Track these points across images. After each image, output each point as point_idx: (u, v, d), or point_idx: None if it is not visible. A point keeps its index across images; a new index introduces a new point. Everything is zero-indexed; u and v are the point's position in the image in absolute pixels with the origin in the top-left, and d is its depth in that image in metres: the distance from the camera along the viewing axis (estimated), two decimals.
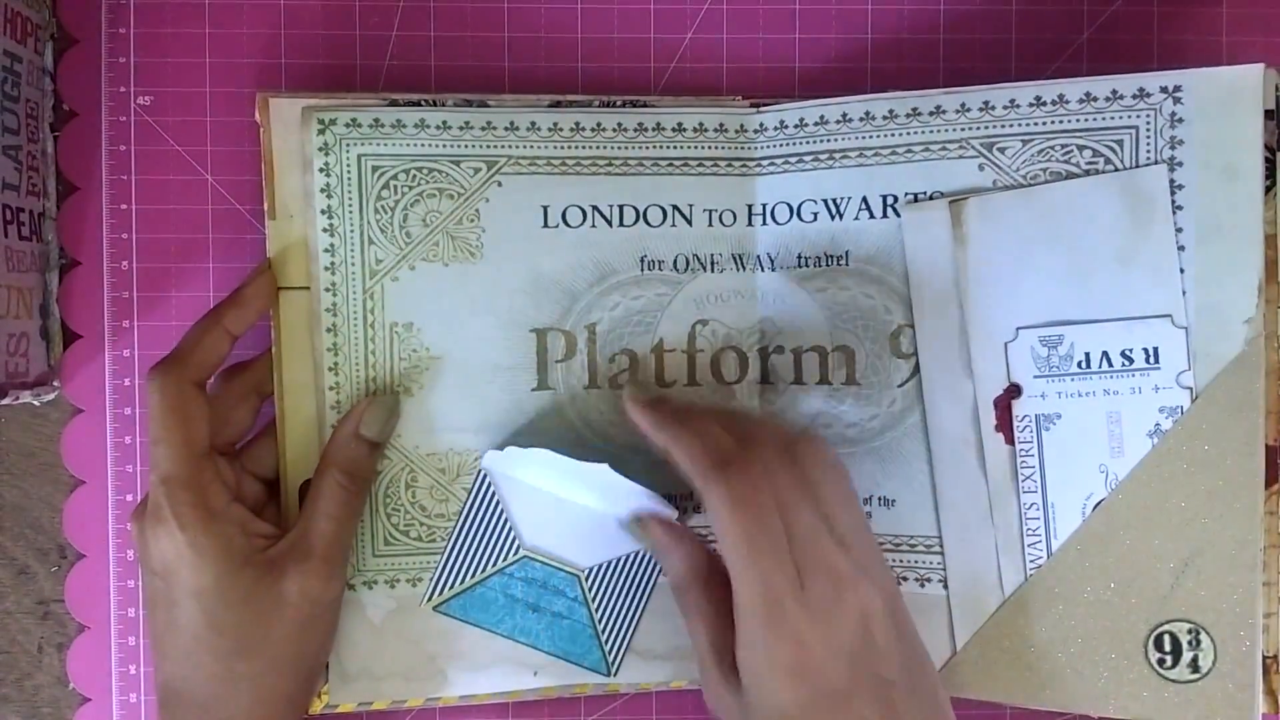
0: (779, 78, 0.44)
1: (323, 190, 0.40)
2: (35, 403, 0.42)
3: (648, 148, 0.41)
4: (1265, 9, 0.44)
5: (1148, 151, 0.38)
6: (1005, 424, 0.39)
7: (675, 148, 0.41)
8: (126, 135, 0.42)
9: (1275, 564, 0.38)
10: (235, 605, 0.35)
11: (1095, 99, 0.38)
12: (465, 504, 0.41)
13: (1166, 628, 0.38)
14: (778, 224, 0.41)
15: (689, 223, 0.41)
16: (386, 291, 0.40)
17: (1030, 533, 0.39)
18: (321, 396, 0.40)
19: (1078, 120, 0.38)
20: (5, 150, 0.39)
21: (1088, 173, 0.39)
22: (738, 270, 0.42)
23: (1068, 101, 0.38)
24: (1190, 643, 0.38)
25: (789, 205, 0.41)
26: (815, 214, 0.41)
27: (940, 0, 0.44)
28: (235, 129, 0.42)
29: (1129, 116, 0.38)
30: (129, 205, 0.42)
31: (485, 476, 0.41)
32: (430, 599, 0.41)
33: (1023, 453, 0.39)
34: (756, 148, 0.41)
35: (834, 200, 0.41)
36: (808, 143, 0.41)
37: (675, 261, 0.41)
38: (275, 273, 0.40)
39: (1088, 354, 0.38)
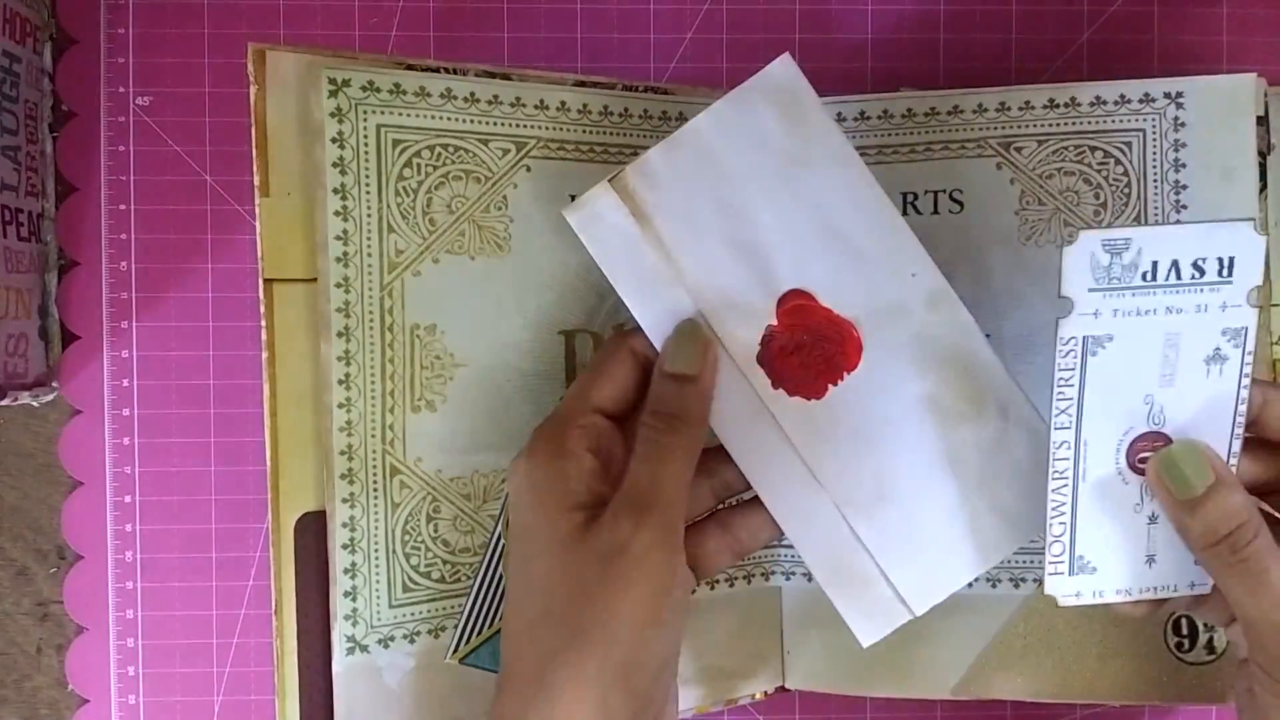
0: None
1: (335, 165, 0.34)
2: (34, 403, 0.42)
3: None
4: (1265, 9, 0.44)
5: (1154, 154, 0.39)
6: None
7: None
8: (125, 136, 0.42)
9: None
10: (548, 555, 0.31)
11: (1105, 102, 0.39)
12: (492, 534, 0.37)
13: (1184, 611, 0.39)
14: None
15: None
16: (407, 288, 0.35)
17: (1056, 474, 0.33)
18: (328, 416, 0.34)
19: (1089, 122, 0.39)
20: (4, 151, 0.39)
21: (1100, 172, 0.39)
22: None
23: (1079, 104, 0.39)
24: (1206, 624, 0.39)
25: None
26: None
27: (940, 0, 0.44)
28: (235, 129, 0.42)
29: (1136, 120, 0.39)
30: (128, 206, 0.42)
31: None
32: (455, 650, 0.36)
33: (1062, 382, 0.33)
34: None
35: None
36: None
37: None
38: (267, 262, 0.34)
39: (1155, 263, 0.32)
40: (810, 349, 0.34)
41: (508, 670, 0.31)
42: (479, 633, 0.37)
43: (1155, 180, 0.39)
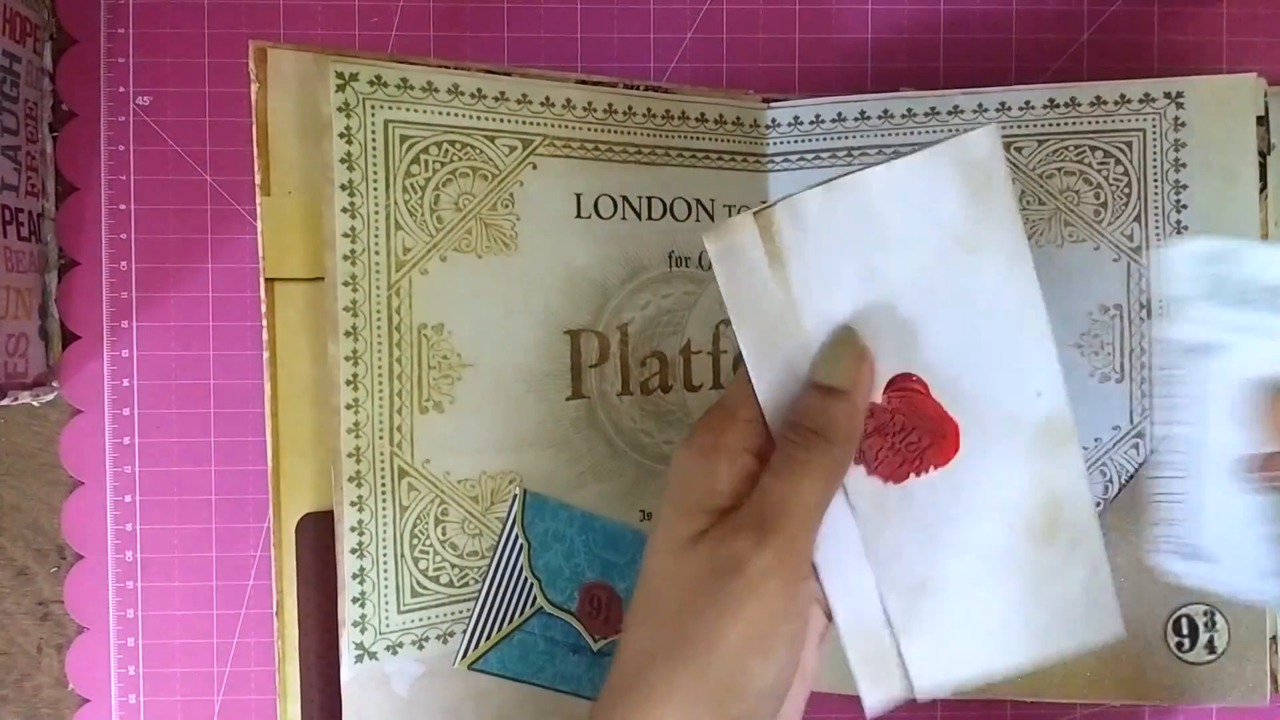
0: (779, 77, 0.44)
1: (343, 160, 0.33)
2: (34, 403, 0.42)
3: (674, 137, 0.40)
4: (1265, 9, 0.44)
5: (1154, 154, 0.39)
6: None
7: (699, 139, 0.40)
8: (125, 135, 0.42)
9: None
10: (676, 552, 0.29)
11: (1105, 102, 0.39)
12: (500, 536, 0.37)
13: (1185, 611, 0.39)
14: None
15: (711, 218, 0.40)
16: (415, 286, 0.35)
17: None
18: (335, 417, 0.34)
19: (1089, 123, 0.39)
20: (4, 150, 0.39)
21: (1100, 172, 0.39)
22: None
23: (1079, 104, 0.39)
24: (1206, 624, 0.39)
25: None
26: None
27: (940, 0, 0.44)
28: (235, 129, 0.42)
29: (1137, 120, 0.39)
30: (128, 205, 0.42)
31: (518, 502, 0.37)
32: (464, 655, 0.36)
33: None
34: (768, 144, 0.41)
35: None
36: (824, 140, 0.41)
37: (700, 259, 0.40)
38: (268, 262, 0.34)
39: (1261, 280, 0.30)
40: (905, 436, 0.32)
41: (616, 660, 0.30)
42: (488, 637, 0.36)
43: (1155, 180, 0.39)
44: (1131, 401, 0.39)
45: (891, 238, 0.30)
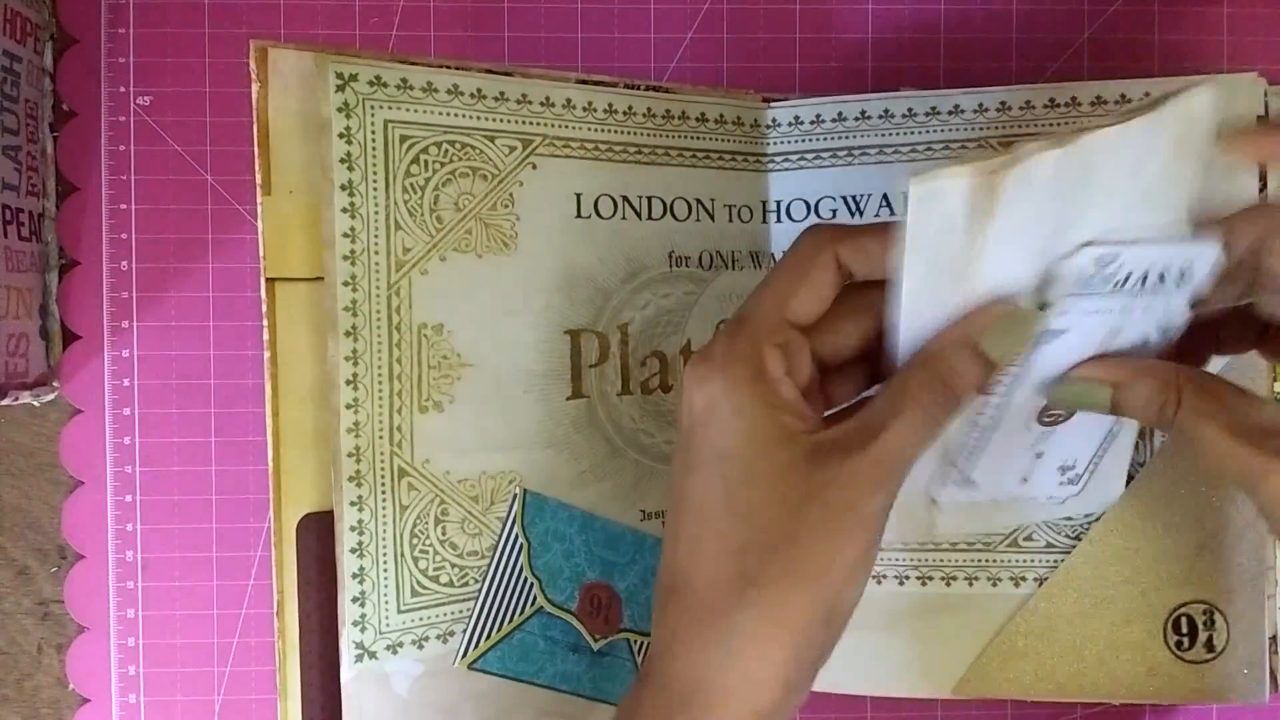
0: (779, 77, 0.44)
1: (343, 161, 0.33)
2: (34, 403, 0.42)
3: (674, 136, 0.40)
4: (1265, 9, 0.44)
5: None
6: None
7: (699, 139, 0.40)
8: (126, 135, 0.42)
9: (1275, 547, 0.40)
10: (760, 483, 0.29)
11: (1105, 102, 0.39)
12: (500, 536, 0.37)
13: (1184, 610, 0.39)
14: (794, 221, 0.41)
15: (711, 218, 0.40)
16: (415, 286, 0.35)
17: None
18: (335, 417, 0.34)
19: (1090, 122, 0.39)
20: (5, 150, 0.39)
21: None
22: (755, 268, 0.41)
23: (1080, 104, 0.39)
24: (1205, 623, 0.39)
25: (806, 203, 0.41)
26: (834, 211, 0.41)
27: (940, 0, 0.44)
28: (236, 128, 0.42)
29: None
30: (128, 205, 0.42)
31: (518, 502, 0.37)
32: (464, 655, 0.36)
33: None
34: (768, 143, 0.41)
35: (854, 198, 0.41)
36: (825, 139, 0.41)
37: (700, 258, 0.40)
38: (269, 261, 0.34)
39: (1129, 274, 0.31)
40: None
41: (688, 587, 0.29)
42: (488, 637, 0.36)
43: None
44: None
45: (1094, 197, 0.29)
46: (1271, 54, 0.44)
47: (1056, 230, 0.30)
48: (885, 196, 0.40)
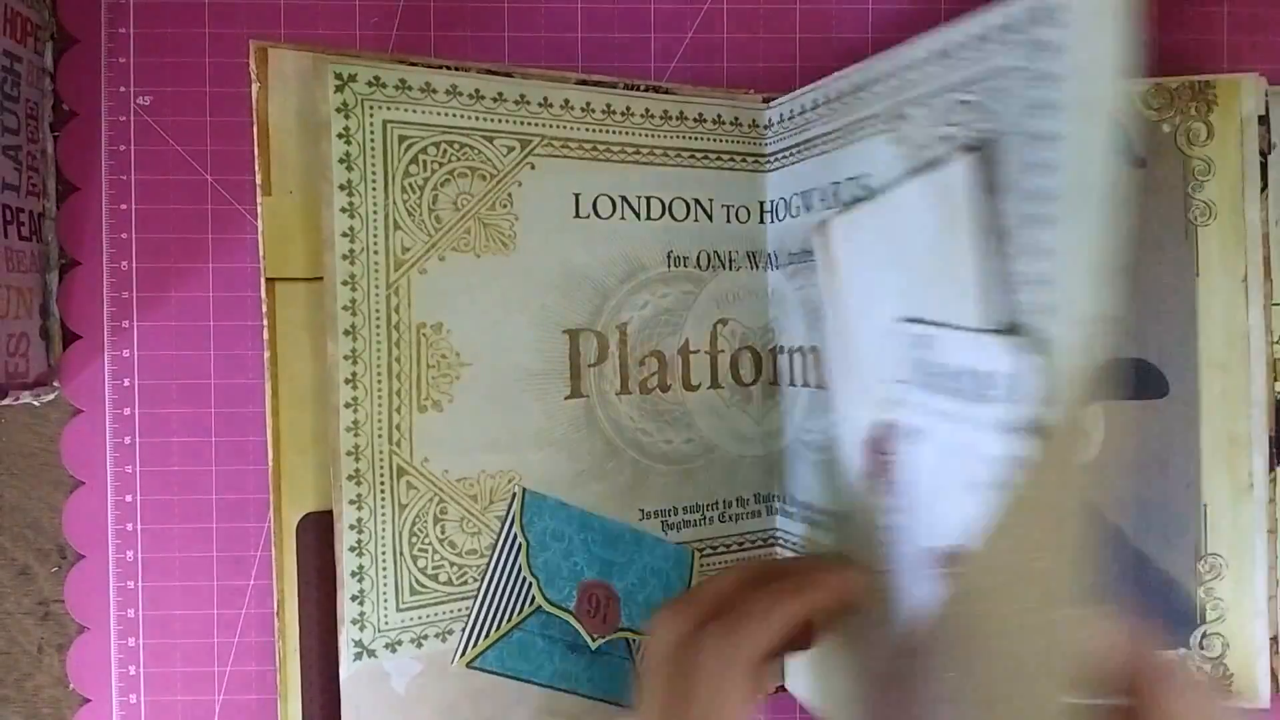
0: (779, 77, 0.44)
1: (342, 161, 0.34)
2: (35, 403, 0.42)
3: (672, 137, 0.40)
4: (1265, 9, 0.44)
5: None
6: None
7: (697, 139, 0.40)
8: (126, 135, 0.42)
9: (1276, 549, 0.40)
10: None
11: None
12: (499, 535, 0.37)
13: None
14: (778, 220, 0.41)
15: (710, 218, 0.40)
16: (414, 286, 0.35)
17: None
18: (335, 416, 0.34)
19: None
20: (5, 150, 0.39)
21: None
22: (751, 268, 0.41)
23: None
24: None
25: (784, 200, 0.41)
26: (797, 209, 0.41)
27: (940, 0, 0.44)
28: (235, 128, 0.42)
29: None
30: (129, 205, 0.42)
31: (517, 501, 0.38)
32: (463, 653, 0.36)
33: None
34: (766, 143, 0.41)
35: (802, 194, 0.40)
36: (794, 135, 0.41)
37: (699, 258, 0.40)
38: (269, 261, 0.34)
39: (951, 365, 0.28)
40: None
41: None
42: (486, 635, 0.37)
43: None
44: None
45: (904, 259, 0.30)
46: (1271, 54, 0.44)
47: (886, 295, 0.31)
48: (833, 189, 0.38)
